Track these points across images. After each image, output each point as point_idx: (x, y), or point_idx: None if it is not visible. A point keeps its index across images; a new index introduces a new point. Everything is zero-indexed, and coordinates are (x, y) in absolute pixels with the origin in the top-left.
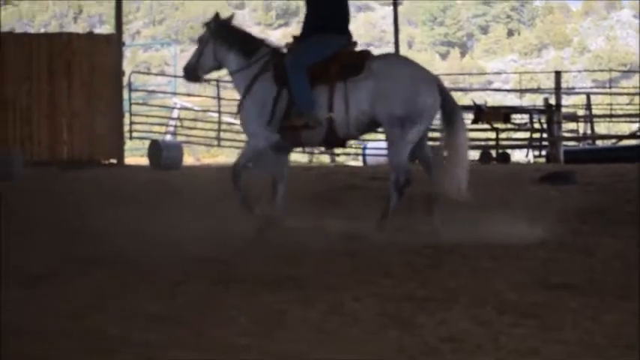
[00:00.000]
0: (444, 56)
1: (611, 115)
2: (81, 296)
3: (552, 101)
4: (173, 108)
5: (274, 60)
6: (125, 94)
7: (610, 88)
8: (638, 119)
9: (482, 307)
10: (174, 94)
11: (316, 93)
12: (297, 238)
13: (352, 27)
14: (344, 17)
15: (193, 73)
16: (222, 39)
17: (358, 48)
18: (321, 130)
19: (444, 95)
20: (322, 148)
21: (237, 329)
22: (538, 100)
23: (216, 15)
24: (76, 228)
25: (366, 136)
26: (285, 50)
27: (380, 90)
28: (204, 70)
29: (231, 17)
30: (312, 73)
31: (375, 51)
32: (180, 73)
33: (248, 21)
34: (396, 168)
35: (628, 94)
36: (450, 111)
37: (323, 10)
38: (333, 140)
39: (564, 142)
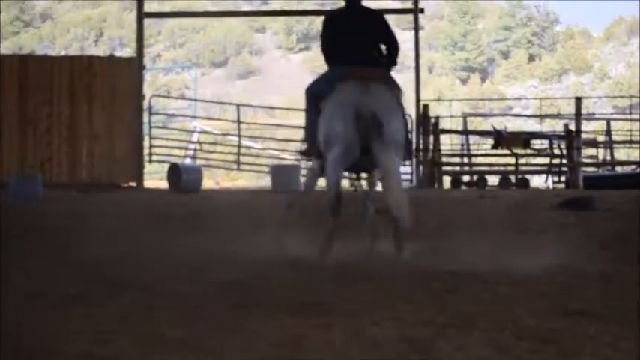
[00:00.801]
0: (464, 81)
1: (630, 142)
2: (104, 320)
3: (572, 127)
4: (193, 132)
5: None
6: (145, 118)
7: (630, 114)
8: None
9: (500, 332)
10: (194, 117)
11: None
12: (316, 261)
13: None
14: (354, 48)
15: None
16: None
17: None
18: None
19: (364, 123)
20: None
21: (258, 354)
22: (558, 126)
23: None
24: (98, 251)
25: None
26: None
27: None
28: None
29: None
30: (316, 105)
31: (396, 75)
32: (201, 96)
33: (269, 45)
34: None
35: None
36: (370, 139)
37: (331, 41)
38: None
39: (584, 168)
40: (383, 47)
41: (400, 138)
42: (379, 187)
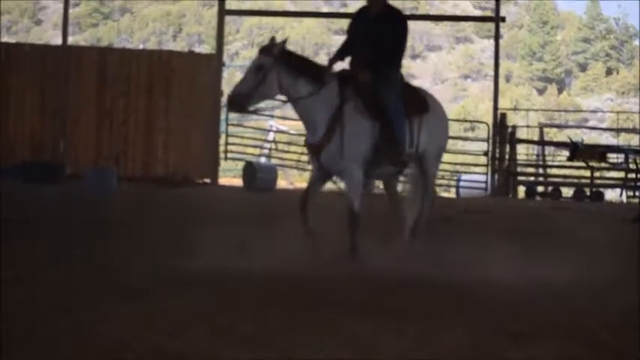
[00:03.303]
0: (541, 91)
1: None
2: (176, 314)
3: None
4: (269, 130)
5: (350, 89)
6: (222, 115)
7: None
8: None
9: (572, 343)
10: (271, 116)
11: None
12: (389, 266)
13: (451, 58)
14: (403, 51)
15: (245, 102)
16: (289, 65)
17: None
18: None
19: None
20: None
21: (328, 354)
22: (634, 140)
23: (273, 40)
24: (170, 246)
25: (460, 168)
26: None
27: (434, 125)
28: (261, 98)
29: (285, 42)
30: None
31: (473, 84)
32: (277, 95)
33: None
34: (430, 197)
35: None
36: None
37: (392, 43)
38: (402, 173)
39: None
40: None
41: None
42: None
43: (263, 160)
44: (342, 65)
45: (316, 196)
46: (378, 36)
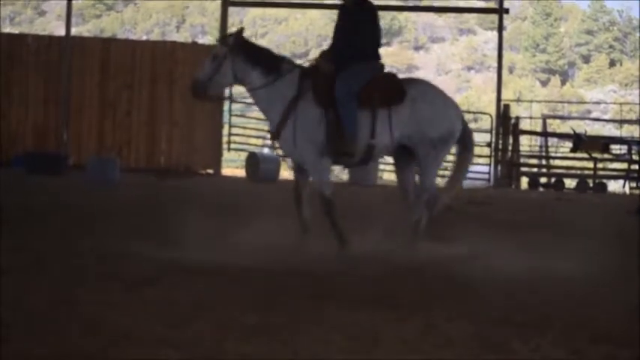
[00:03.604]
0: (544, 83)
1: None
2: (180, 304)
3: None
4: None
5: (308, 80)
6: (225, 106)
7: None
8: None
9: (575, 334)
10: None
11: (359, 119)
12: (391, 257)
13: (454, 50)
14: (377, 42)
15: (203, 90)
16: (243, 55)
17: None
18: (360, 154)
19: (464, 122)
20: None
21: (332, 346)
22: (637, 132)
23: (241, 30)
24: (174, 236)
25: None
26: (314, 68)
27: (417, 114)
28: (218, 87)
29: (241, 30)
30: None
31: (476, 75)
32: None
33: None
34: (428, 189)
35: None
36: (468, 137)
37: (360, 35)
38: (367, 162)
39: None
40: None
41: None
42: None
43: (266, 150)
44: None
45: (306, 184)
46: (347, 28)
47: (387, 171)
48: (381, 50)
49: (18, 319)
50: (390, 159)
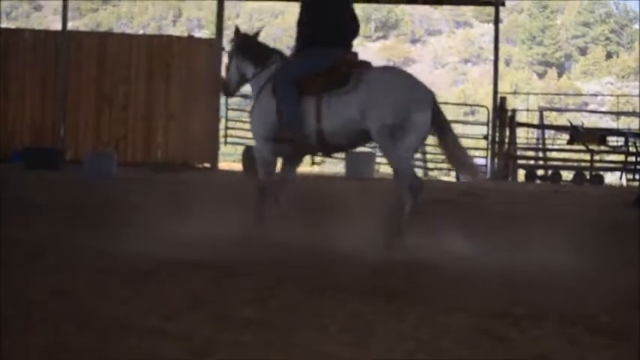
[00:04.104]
0: (541, 75)
1: None
2: (176, 297)
3: None
4: None
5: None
6: (222, 99)
7: None
8: None
9: (574, 326)
10: None
11: (304, 105)
12: (387, 249)
13: (451, 42)
14: (341, 30)
15: (226, 88)
16: (243, 51)
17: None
18: (312, 141)
19: (436, 110)
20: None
21: (329, 338)
22: (633, 124)
23: (236, 29)
24: (171, 230)
25: None
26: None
27: (371, 100)
28: (232, 84)
29: (257, 33)
30: (302, 86)
31: (472, 68)
32: None
33: None
34: (402, 174)
35: None
36: (440, 125)
37: (317, 22)
38: (326, 150)
39: None
40: None
41: None
42: None
43: None
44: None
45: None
46: (304, 15)
47: (383, 164)
48: (380, 43)
49: (15, 312)
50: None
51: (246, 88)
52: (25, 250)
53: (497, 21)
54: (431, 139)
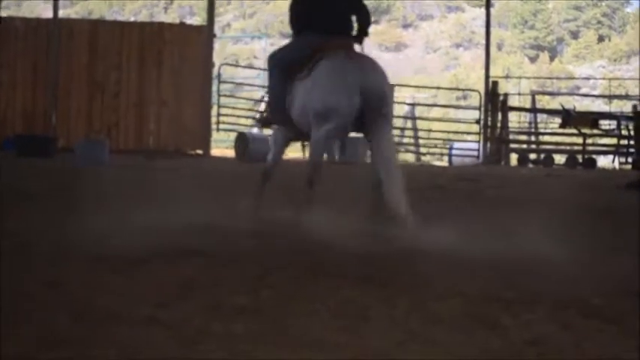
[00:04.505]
0: (533, 59)
1: None
2: (168, 286)
3: None
4: (261, 101)
5: None
6: (214, 86)
7: None
8: None
9: (566, 310)
10: (263, 87)
11: (285, 92)
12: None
13: (443, 27)
14: (334, 16)
15: None
16: None
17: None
18: (290, 126)
19: (369, 96)
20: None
21: (320, 324)
22: (626, 107)
23: None
24: (163, 217)
25: (452, 137)
26: None
27: (310, 86)
28: None
29: None
30: (289, 73)
31: (464, 52)
32: None
33: None
34: (309, 159)
35: None
36: (372, 116)
37: (310, 7)
38: (301, 136)
39: None
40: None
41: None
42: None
43: (255, 130)
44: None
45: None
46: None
47: None
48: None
49: (6, 304)
50: None
51: (241, 74)
52: (17, 240)
53: (488, 5)
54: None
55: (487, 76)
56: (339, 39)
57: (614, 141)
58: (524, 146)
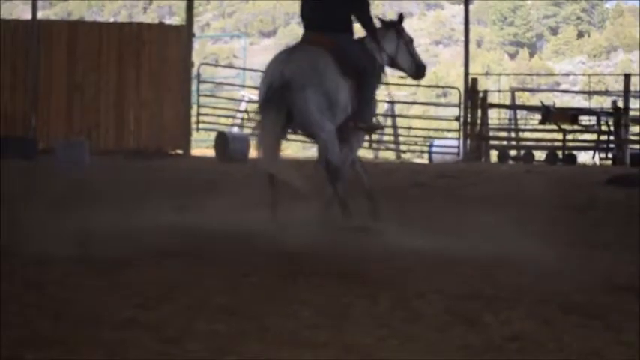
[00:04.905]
0: (512, 56)
1: None
2: (151, 286)
3: (620, 104)
4: (241, 100)
5: None
6: (193, 86)
7: None
8: None
9: (547, 306)
10: (242, 86)
11: None
12: (360, 233)
13: (422, 25)
14: (315, 14)
15: None
16: None
17: None
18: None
19: (272, 82)
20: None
21: (302, 321)
22: (606, 103)
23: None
24: (145, 218)
25: (433, 134)
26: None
27: None
28: None
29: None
30: None
31: (443, 50)
32: (249, 65)
33: None
34: None
35: None
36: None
37: (301, 7)
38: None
39: (631, 145)
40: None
41: (311, 105)
42: None
43: (235, 130)
44: None
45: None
46: None
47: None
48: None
49: None
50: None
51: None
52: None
53: (467, 2)
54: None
55: (467, 73)
56: (313, 35)
57: (594, 137)
58: (505, 143)
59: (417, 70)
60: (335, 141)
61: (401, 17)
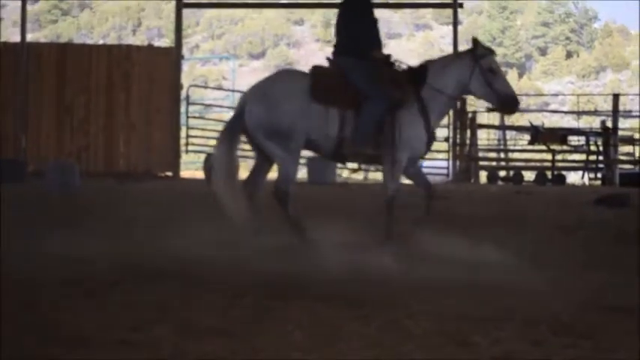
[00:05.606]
0: None
1: None
2: (141, 308)
3: (609, 124)
4: None
5: None
6: (182, 108)
7: None
8: None
9: (537, 327)
10: (232, 108)
11: None
12: (351, 255)
13: (411, 45)
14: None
15: None
16: None
17: None
18: None
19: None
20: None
21: (293, 343)
22: (595, 123)
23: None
24: (135, 240)
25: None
26: None
27: None
28: None
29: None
30: None
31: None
32: (239, 87)
33: (307, 37)
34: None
35: None
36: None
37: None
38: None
39: (620, 165)
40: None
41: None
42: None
43: None
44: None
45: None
46: None
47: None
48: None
49: None
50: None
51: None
52: None
53: (455, 23)
54: None
55: None
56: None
57: (583, 157)
58: (494, 163)
59: (499, 100)
60: (289, 167)
61: (489, 50)
